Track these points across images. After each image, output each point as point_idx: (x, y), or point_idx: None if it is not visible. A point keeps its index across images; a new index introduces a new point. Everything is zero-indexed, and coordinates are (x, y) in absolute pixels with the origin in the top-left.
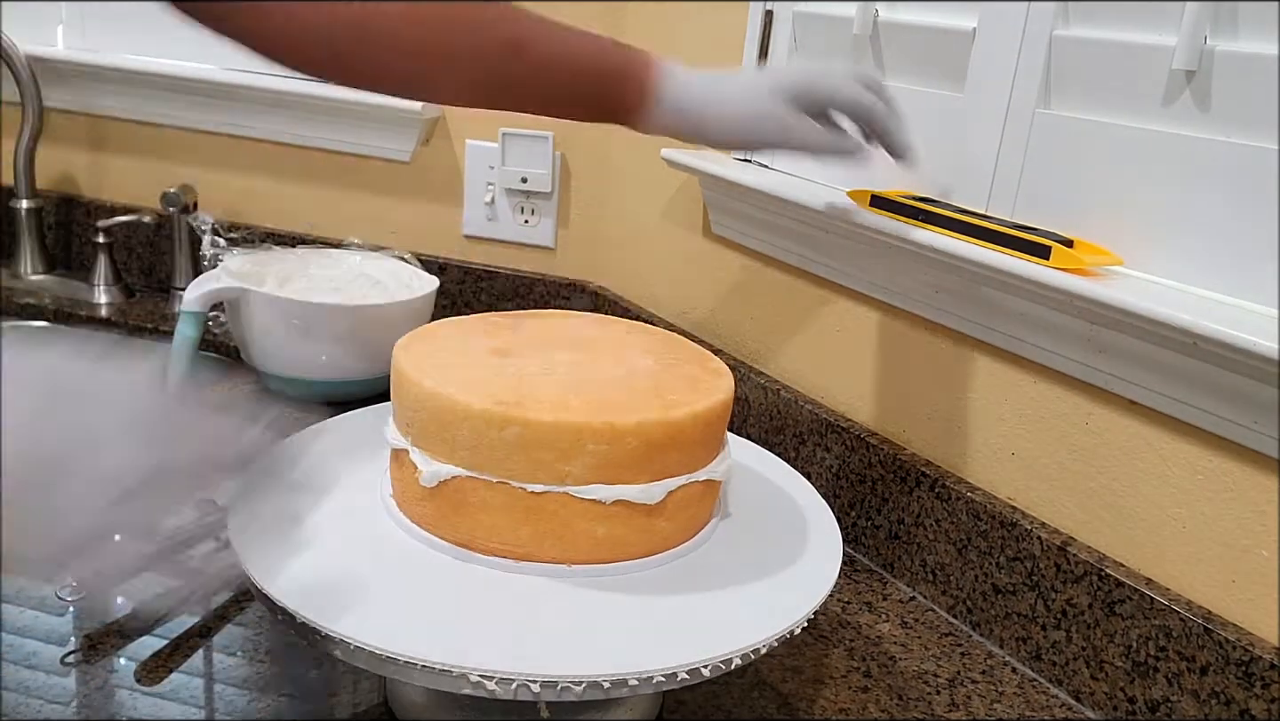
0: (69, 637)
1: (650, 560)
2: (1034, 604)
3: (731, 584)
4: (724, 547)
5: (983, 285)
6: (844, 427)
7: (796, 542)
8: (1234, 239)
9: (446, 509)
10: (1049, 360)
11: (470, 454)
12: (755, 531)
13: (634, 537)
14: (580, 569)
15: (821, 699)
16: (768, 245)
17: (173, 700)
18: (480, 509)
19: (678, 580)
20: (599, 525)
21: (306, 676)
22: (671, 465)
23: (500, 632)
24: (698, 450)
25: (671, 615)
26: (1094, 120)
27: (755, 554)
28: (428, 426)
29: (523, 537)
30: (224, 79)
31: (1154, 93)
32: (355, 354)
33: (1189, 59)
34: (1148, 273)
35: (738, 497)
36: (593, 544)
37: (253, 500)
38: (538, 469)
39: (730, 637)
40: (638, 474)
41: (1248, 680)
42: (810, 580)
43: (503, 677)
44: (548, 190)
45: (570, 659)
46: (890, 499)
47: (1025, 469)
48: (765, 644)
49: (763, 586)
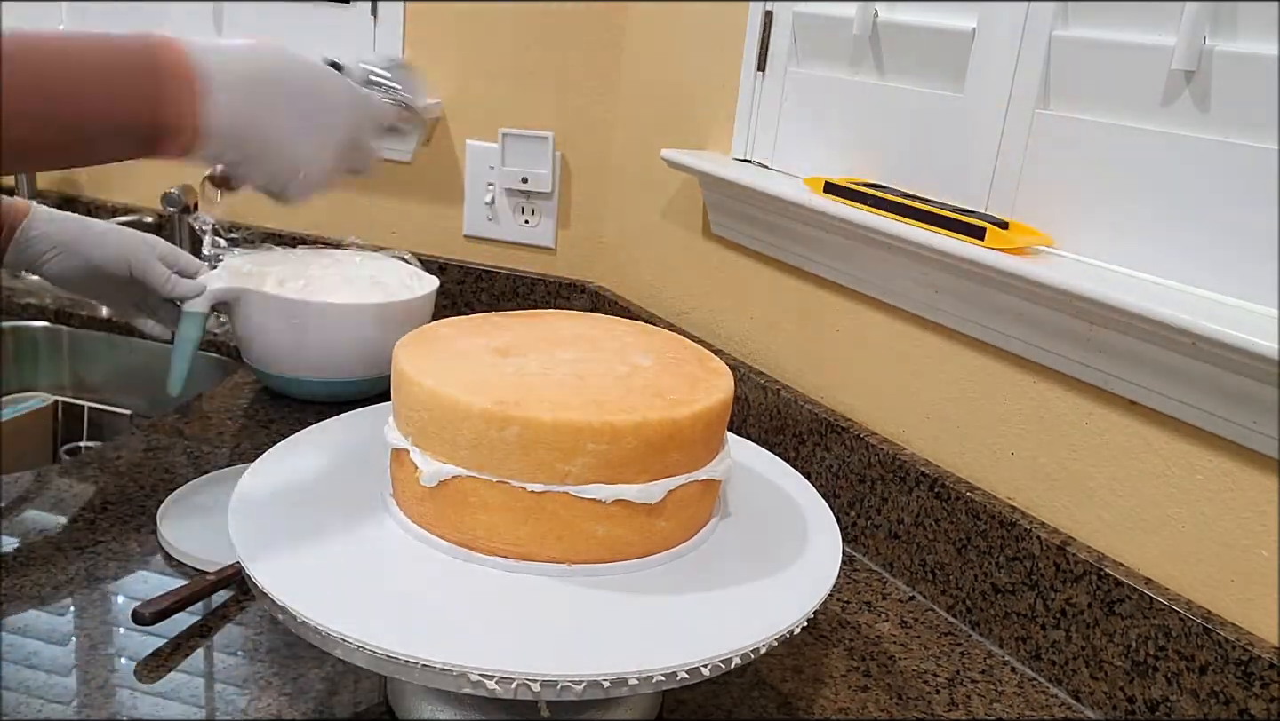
0: (69, 638)
1: (650, 560)
2: (1033, 603)
3: (732, 583)
4: (724, 547)
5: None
6: (844, 428)
7: (797, 542)
8: (1234, 239)
9: (446, 508)
10: (1049, 360)
11: (470, 453)
12: (755, 531)
13: (634, 537)
14: (580, 568)
15: (821, 698)
16: (768, 245)
17: (173, 700)
18: (480, 508)
19: (678, 579)
20: (599, 524)
21: (306, 676)
22: (671, 465)
23: (500, 632)
24: (698, 449)
25: (671, 614)
26: (1094, 120)
27: (755, 553)
28: (428, 426)
29: (522, 537)
30: None
31: (1154, 93)
32: (355, 354)
33: (1188, 59)
34: (1148, 272)
35: (738, 497)
36: (593, 543)
37: (254, 501)
38: (538, 468)
39: (730, 637)
40: (638, 473)
41: (1247, 680)
42: (810, 579)
43: (503, 677)
44: (548, 190)
45: (570, 658)
46: (890, 499)
47: (1025, 469)
48: (765, 643)
49: (763, 586)
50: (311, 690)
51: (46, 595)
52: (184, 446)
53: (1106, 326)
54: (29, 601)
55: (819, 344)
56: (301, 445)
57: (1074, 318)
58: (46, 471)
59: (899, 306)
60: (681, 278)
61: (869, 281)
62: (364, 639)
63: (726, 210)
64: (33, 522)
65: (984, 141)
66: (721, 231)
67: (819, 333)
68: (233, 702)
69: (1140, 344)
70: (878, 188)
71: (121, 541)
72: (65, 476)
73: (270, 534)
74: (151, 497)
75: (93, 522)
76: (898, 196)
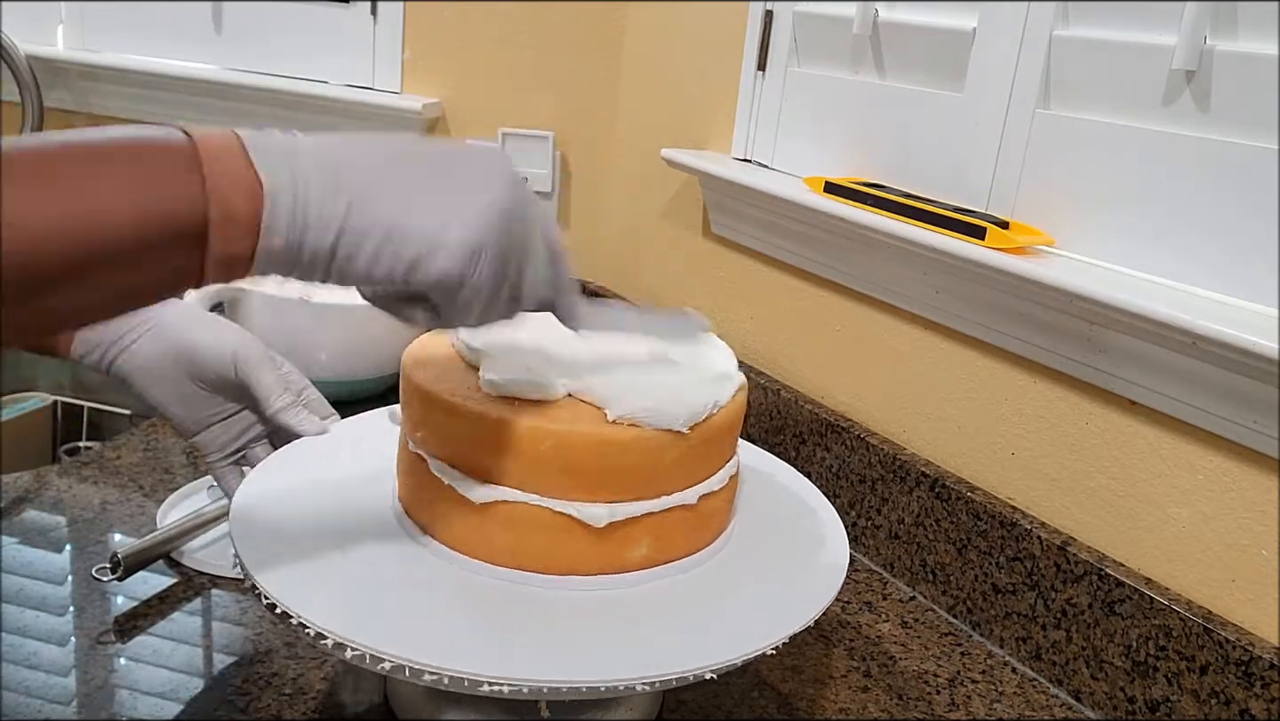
0: (69, 638)
1: None
2: (1034, 603)
3: (736, 586)
4: (729, 550)
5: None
6: (844, 428)
7: (802, 544)
8: (1234, 239)
9: (493, 526)
10: (1049, 360)
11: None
12: (760, 535)
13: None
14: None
15: (821, 699)
16: (768, 245)
17: (173, 700)
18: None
19: (683, 583)
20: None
21: (306, 676)
22: (683, 479)
23: (501, 632)
24: (702, 463)
25: (676, 617)
26: (1094, 120)
27: (761, 557)
28: (437, 434)
29: (525, 545)
30: (224, 78)
31: (1154, 93)
32: (355, 354)
33: (1189, 59)
34: (1148, 272)
35: (741, 500)
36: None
37: (255, 502)
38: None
39: (735, 642)
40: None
41: (1247, 680)
42: (817, 582)
43: (511, 685)
44: (548, 190)
45: (570, 661)
46: (890, 499)
47: (1025, 469)
48: (770, 647)
49: (769, 589)
50: (311, 690)
51: (46, 595)
52: (184, 446)
53: (1107, 326)
54: (29, 601)
55: (819, 344)
56: (301, 445)
57: (1074, 317)
58: (46, 471)
59: (899, 306)
60: (681, 277)
61: (869, 281)
62: (364, 642)
63: (726, 210)
64: (33, 522)
65: (984, 141)
66: (721, 231)
67: (819, 333)
68: (232, 703)
69: (1140, 344)
70: (878, 187)
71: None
72: (65, 476)
73: (270, 535)
74: (151, 497)
75: (92, 522)
76: (898, 196)
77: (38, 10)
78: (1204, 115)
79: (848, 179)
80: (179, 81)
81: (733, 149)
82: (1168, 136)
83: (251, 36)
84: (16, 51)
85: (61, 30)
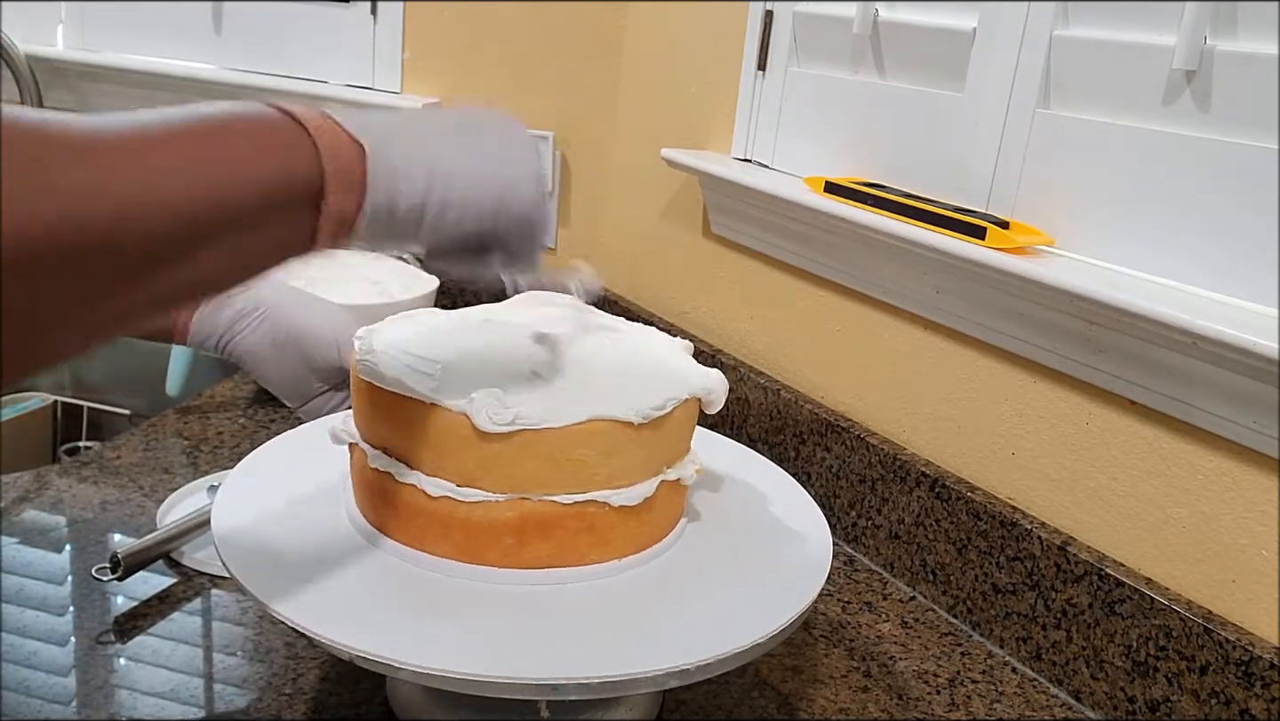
0: (69, 638)
1: (642, 555)
2: (1034, 603)
3: (716, 586)
4: (704, 550)
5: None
6: (844, 428)
7: (783, 543)
8: (1234, 239)
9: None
10: (1049, 360)
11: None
12: (735, 534)
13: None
14: (572, 570)
15: (821, 699)
16: (768, 245)
17: (173, 700)
18: (472, 516)
19: (668, 580)
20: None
21: (306, 676)
22: (653, 465)
23: (499, 633)
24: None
25: (666, 615)
26: (1094, 120)
27: (736, 556)
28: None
29: (516, 543)
30: (224, 78)
31: (1154, 93)
32: None
33: (1189, 59)
34: (1148, 272)
35: (718, 500)
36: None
37: (252, 502)
38: (528, 476)
39: (725, 638)
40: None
41: (1247, 680)
42: (799, 580)
43: (507, 683)
44: (548, 190)
45: (566, 660)
46: (890, 499)
47: (1025, 469)
48: (752, 645)
49: (752, 589)
50: (311, 690)
51: (46, 595)
52: (184, 446)
53: (1106, 326)
54: (29, 601)
55: (819, 344)
56: (300, 446)
57: (1074, 318)
58: (46, 471)
59: (899, 306)
60: (681, 278)
61: (869, 281)
62: (362, 646)
63: (727, 210)
64: (33, 522)
65: (984, 141)
66: (721, 231)
67: (819, 333)
68: (233, 702)
69: (1140, 344)
70: (878, 187)
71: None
72: (65, 476)
73: (268, 536)
74: (151, 497)
75: (92, 522)
76: (898, 196)
77: (38, 10)
78: (1204, 115)
79: (848, 179)
80: (179, 81)
81: (733, 149)
82: (1168, 136)
83: (251, 36)
84: (16, 51)
85: (61, 30)
